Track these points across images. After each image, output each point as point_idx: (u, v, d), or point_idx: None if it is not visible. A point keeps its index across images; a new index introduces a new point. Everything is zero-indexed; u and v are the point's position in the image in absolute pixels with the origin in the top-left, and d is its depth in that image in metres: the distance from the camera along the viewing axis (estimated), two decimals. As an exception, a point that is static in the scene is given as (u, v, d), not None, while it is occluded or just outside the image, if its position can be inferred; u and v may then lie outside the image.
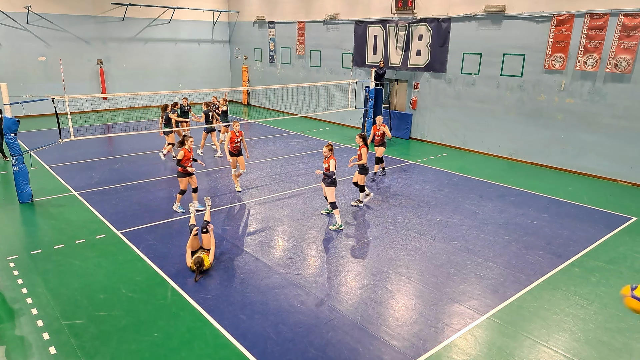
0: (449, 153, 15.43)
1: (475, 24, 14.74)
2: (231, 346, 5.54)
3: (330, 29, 19.75)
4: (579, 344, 5.72)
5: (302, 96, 20.75)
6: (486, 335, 5.86)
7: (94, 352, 5.41)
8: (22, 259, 7.59)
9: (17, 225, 9.09)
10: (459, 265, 7.63)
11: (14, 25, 19.52)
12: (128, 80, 22.82)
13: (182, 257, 7.70)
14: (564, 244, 8.50)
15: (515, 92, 14.18)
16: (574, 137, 13.14)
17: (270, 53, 23.36)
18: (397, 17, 16.86)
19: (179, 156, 9.30)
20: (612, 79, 12.16)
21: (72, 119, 11.58)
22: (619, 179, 12.51)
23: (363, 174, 10.04)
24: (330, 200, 8.98)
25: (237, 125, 10.74)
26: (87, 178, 11.90)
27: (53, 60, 20.69)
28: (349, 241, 8.47)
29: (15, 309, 6.25)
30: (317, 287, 6.88)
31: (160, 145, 15.55)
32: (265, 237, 8.62)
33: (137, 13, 22.40)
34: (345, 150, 15.38)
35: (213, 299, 6.50)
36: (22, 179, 10.00)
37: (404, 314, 6.26)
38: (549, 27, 13.04)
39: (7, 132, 9.74)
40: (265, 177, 12.33)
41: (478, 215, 9.79)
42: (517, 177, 12.69)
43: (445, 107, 16.17)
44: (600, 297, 6.78)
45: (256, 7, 23.54)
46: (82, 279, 7.02)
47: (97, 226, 8.95)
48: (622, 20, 11.64)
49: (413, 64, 16.67)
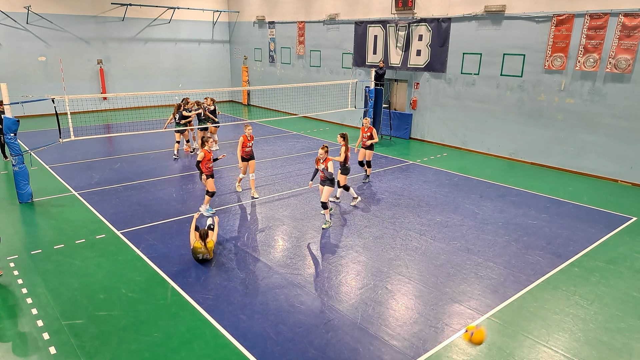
0: (449, 153, 15.43)
1: (475, 24, 14.74)
2: (231, 346, 5.55)
3: (330, 29, 19.75)
4: (579, 344, 5.72)
5: (302, 96, 20.75)
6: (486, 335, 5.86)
7: (94, 352, 5.41)
8: (22, 259, 7.59)
9: (17, 225, 9.09)
10: (459, 265, 7.63)
11: (14, 25, 19.52)
12: (128, 80, 22.82)
13: (182, 257, 7.70)
14: (564, 244, 8.50)
15: (515, 92, 14.18)
16: (574, 137, 13.14)
17: (270, 53, 23.36)
18: (397, 17, 16.86)
19: (199, 157, 9.21)
20: (612, 79, 12.16)
21: (72, 119, 11.57)
22: (619, 179, 12.51)
23: (344, 174, 10.09)
24: (323, 199, 8.95)
25: (249, 129, 10.41)
26: (87, 178, 11.90)
27: (53, 60, 20.68)
28: (349, 241, 8.47)
29: (15, 309, 6.26)
30: (317, 287, 6.88)
31: (161, 144, 15.56)
32: (265, 237, 8.63)
33: (137, 13, 22.39)
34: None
35: (213, 299, 6.50)
36: (22, 179, 10.00)
37: (404, 314, 6.26)
38: (549, 27, 13.04)
39: (7, 132, 9.73)
40: (265, 177, 12.33)
41: (478, 215, 9.79)
42: (517, 177, 12.69)
43: (445, 107, 16.17)
44: (600, 297, 6.78)
45: (256, 7, 23.54)
46: (82, 279, 7.02)
47: (97, 226, 8.95)
48: (622, 20, 11.64)
49: (413, 64, 16.67)
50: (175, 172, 12.54)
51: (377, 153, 15.16)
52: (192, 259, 7.59)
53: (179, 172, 12.51)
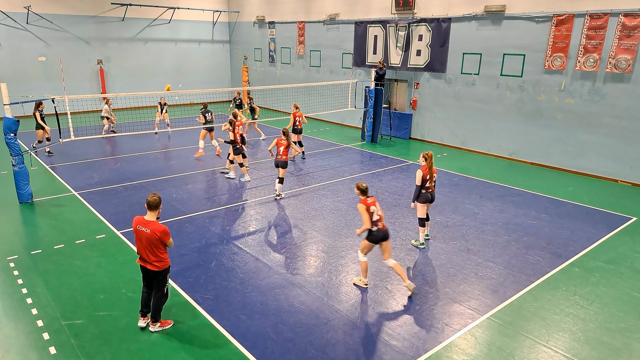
0: (449, 153, 15.43)
1: (475, 24, 14.74)
2: (231, 346, 5.54)
3: (330, 29, 19.75)
4: (579, 344, 5.72)
5: (302, 96, 20.74)
6: (486, 335, 5.86)
7: (94, 352, 5.41)
8: (22, 259, 7.59)
9: (17, 225, 9.09)
10: (459, 265, 7.63)
11: (14, 25, 19.52)
12: (128, 80, 22.82)
13: (182, 257, 7.71)
14: (564, 244, 8.50)
15: (515, 92, 14.18)
16: (574, 137, 13.14)
17: (270, 53, 23.36)
18: (397, 17, 16.86)
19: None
20: (612, 79, 12.16)
21: (72, 119, 11.57)
22: (619, 179, 12.51)
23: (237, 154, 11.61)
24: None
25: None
26: (87, 178, 11.90)
27: (53, 60, 20.69)
28: (349, 241, 8.47)
29: (15, 309, 6.25)
30: (317, 287, 6.88)
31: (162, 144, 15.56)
32: (265, 237, 8.63)
33: (137, 13, 22.40)
34: (346, 150, 15.38)
35: (213, 299, 6.50)
36: (22, 179, 10.00)
37: (404, 314, 6.26)
38: (549, 27, 13.04)
39: (7, 132, 9.73)
40: (266, 177, 12.33)
41: (478, 215, 9.79)
42: (517, 177, 12.69)
43: (445, 107, 16.17)
44: (600, 297, 6.78)
45: (256, 7, 23.54)
46: (82, 279, 7.02)
47: (97, 226, 8.95)
48: (622, 20, 11.64)
49: (413, 64, 16.68)
50: (176, 172, 12.53)
51: (377, 153, 15.19)
52: (192, 259, 7.61)
53: (179, 172, 12.51)
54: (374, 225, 6.45)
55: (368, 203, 6.42)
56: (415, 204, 8.00)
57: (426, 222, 8.27)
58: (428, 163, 7.78)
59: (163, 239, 5.46)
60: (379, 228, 6.48)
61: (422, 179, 7.76)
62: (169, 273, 5.76)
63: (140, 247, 5.54)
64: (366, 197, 6.50)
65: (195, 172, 12.47)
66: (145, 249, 5.50)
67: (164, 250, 5.58)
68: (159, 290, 5.69)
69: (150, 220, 5.48)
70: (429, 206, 8.16)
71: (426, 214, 8.16)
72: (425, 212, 8.08)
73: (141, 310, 5.85)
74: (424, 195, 7.91)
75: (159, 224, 5.48)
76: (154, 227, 5.42)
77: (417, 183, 7.79)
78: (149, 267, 5.57)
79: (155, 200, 5.49)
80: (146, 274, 5.67)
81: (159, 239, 5.44)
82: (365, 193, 6.52)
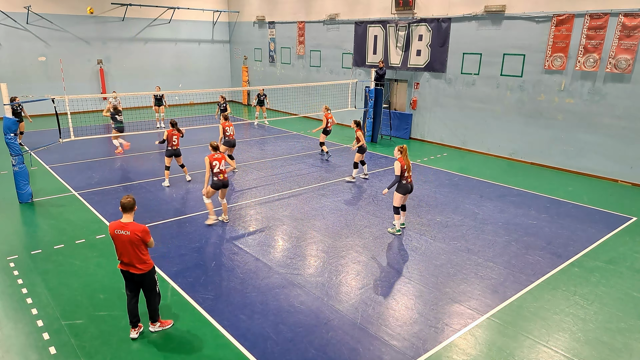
0: (449, 153, 15.43)
1: (475, 24, 14.74)
2: (231, 346, 5.54)
3: (330, 29, 19.75)
4: (579, 344, 5.72)
5: (302, 96, 20.75)
6: (486, 335, 5.86)
7: (94, 352, 5.41)
8: (22, 259, 7.59)
9: (17, 225, 9.09)
10: (459, 265, 7.63)
11: (14, 25, 19.52)
12: (128, 80, 22.82)
13: (182, 257, 7.71)
14: (564, 244, 8.50)
15: (515, 92, 14.18)
16: (574, 137, 13.14)
17: (270, 53, 23.36)
18: (397, 17, 16.86)
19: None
20: (612, 79, 12.16)
21: (72, 119, 11.57)
22: (619, 179, 12.51)
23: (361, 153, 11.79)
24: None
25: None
26: (87, 178, 11.90)
27: (53, 60, 20.69)
28: (349, 241, 8.47)
29: (15, 309, 6.25)
30: (317, 287, 6.87)
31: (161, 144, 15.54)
32: (265, 237, 8.62)
33: (137, 13, 22.39)
34: (346, 150, 15.38)
35: (213, 299, 6.50)
36: (22, 179, 10.00)
37: (404, 314, 6.26)
38: (549, 27, 13.04)
39: (7, 132, 9.73)
40: (265, 177, 12.33)
41: (478, 215, 9.79)
42: (517, 177, 12.69)
43: (445, 107, 16.17)
44: (600, 297, 6.78)
45: (256, 7, 23.54)
46: (82, 279, 7.02)
47: (97, 226, 8.95)
48: (622, 20, 11.64)
49: (413, 64, 16.67)
50: (176, 172, 12.52)
51: (377, 153, 15.18)
52: (192, 259, 7.61)
53: (179, 172, 12.50)
54: (215, 176, 8.57)
55: (213, 158, 8.52)
56: (395, 194, 8.58)
57: (402, 212, 8.85)
58: (404, 155, 8.42)
59: (145, 239, 5.35)
60: (219, 179, 8.61)
61: (401, 169, 8.30)
62: (156, 273, 5.62)
63: (122, 252, 5.37)
64: (213, 153, 8.60)
65: (195, 172, 12.46)
66: (127, 253, 5.34)
67: (145, 251, 5.45)
68: (151, 292, 5.60)
69: (128, 222, 5.34)
70: (406, 197, 8.70)
71: (403, 205, 8.83)
72: (402, 202, 8.66)
73: (131, 321, 5.68)
74: (404, 185, 8.48)
75: (138, 224, 5.35)
76: (134, 228, 5.29)
77: (397, 173, 8.36)
78: (132, 271, 5.40)
79: (130, 202, 5.36)
80: (131, 278, 5.48)
81: (141, 239, 5.32)
82: (216, 150, 8.69)
